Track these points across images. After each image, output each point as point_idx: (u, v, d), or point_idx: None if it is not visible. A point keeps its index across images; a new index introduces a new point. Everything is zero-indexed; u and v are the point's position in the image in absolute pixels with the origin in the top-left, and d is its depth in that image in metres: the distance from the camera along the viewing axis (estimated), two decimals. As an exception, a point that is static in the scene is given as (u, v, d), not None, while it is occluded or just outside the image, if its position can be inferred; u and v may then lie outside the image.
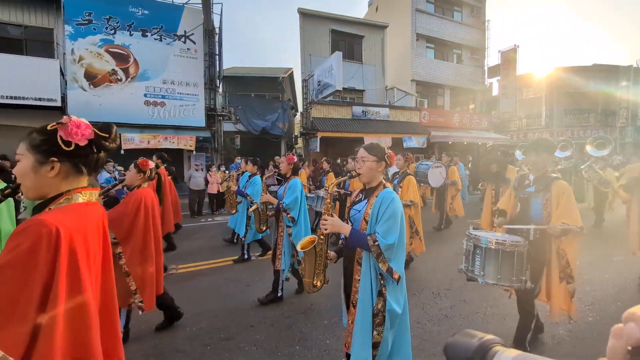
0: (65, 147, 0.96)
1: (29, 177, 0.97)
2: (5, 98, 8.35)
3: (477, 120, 18.32)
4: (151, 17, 9.79)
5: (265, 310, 3.11)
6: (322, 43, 14.18)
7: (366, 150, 1.79)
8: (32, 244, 0.84)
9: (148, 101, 9.87)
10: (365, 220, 1.72)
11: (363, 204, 1.80)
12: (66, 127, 0.96)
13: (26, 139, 0.97)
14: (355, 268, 1.74)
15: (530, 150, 2.43)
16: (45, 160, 0.95)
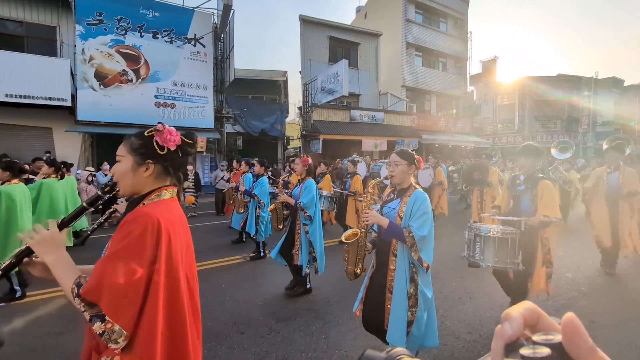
0: (159, 151, 1.09)
1: (128, 176, 1.08)
2: (15, 97, 8.21)
3: (461, 124, 19.67)
4: (162, 20, 9.91)
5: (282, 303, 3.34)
6: (321, 49, 14.75)
7: (398, 155, 2.01)
8: (141, 231, 0.95)
9: (158, 102, 9.98)
10: (399, 216, 1.92)
11: (396, 202, 2.00)
12: (162, 133, 1.09)
13: (126, 143, 1.10)
14: (390, 259, 1.95)
15: (520, 155, 2.80)
16: (143, 162, 1.08)
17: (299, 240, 3.44)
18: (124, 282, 0.91)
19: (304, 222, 3.44)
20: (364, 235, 1.95)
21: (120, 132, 9.35)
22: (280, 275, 3.90)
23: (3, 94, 8.09)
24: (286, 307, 3.24)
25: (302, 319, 2.99)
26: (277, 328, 2.81)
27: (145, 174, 1.08)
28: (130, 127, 9.58)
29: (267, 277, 4.09)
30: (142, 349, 0.95)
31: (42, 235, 1.02)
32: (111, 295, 0.90)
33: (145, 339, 0.95)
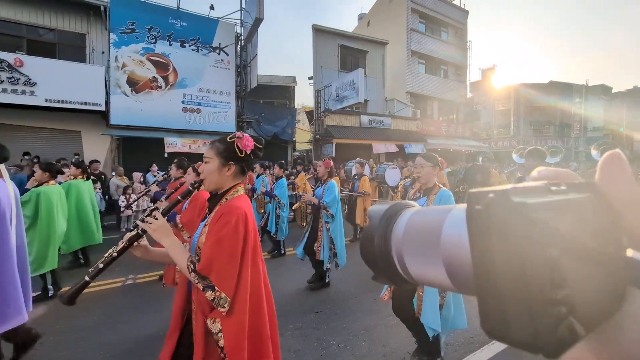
0: (239, 154, 1.27)
1: (214, 175, 1.26)
2: (54, 102, 8.61)
3: (461, 129, 20.54)
4: (189, 29, 10.41)
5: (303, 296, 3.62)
6: (332, 57, 15.40)
7: (424, 158, 2.23)
8: (236, 220, 1.16)
9: (185, 108, 10.46)
10: None
11: (423, 200, 2.23)
12: (242, 140, 1.26)
13: (213, 147, 1.28)
14: None
15: (526, 158, 3.03)
16: (226, 163, 1.26)
17: (321, 237, 3.67)
18: (226, 260, 1.15)
19: (326, 220, 3.67)
20: None
21: (149, 135, 9.81)
22: (299, 270, 4.23)
23: (43, 98, 8.48)
24: (308, 299, 3.53)
25: (327, 308, 3.25)
26: (305, 319, 3.03)
27: (227, 173, 1.28)
28: (159, 131, 10.05)
29: (290, 272, 4.40)
30: (238, 312, 1.18)
31: (158, 223, 1.23)
32: (218, 270, 1.14)
33: (239, 303, 1.18)
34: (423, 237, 0.26)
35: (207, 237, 1.20)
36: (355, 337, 2.77)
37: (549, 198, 0.19)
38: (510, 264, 0.18)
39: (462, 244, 0.21)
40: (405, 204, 0.32)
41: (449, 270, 0.23)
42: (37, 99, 8.41)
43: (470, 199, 0.20)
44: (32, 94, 8.35)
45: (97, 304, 3.39)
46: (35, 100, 8.40)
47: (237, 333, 1.17)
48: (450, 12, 20.87)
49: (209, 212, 1.33)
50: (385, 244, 0.29)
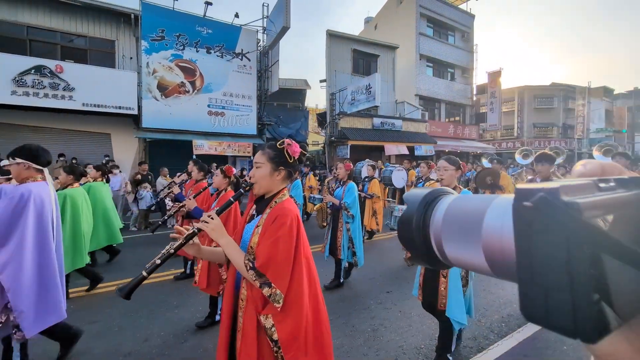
0: (289, 160, 1.33)
1: (266, 179, 1.32)
2: (91, 106, 9.07)
3: (468, 131, 21.03)
4: (214, 36, 10.88)
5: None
6: (345, 61, 15.87)
7: (447, 161, 2.33)
8: (290, 221, 1.25)
9: (211, 111, 10.92)
10: None
11: None
12: (292, 146, 1.34)
13: (264, 153, 1.34)
14: None
15: (537, 162, 3.21)
16: (277, 168, 1.33)
17: (340, 236, 3.80)
18: (282, 259, 1.22)
19: (347, 220, 3.79)
20: None
21: (178, 138, 10.27)
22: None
23: (81, 103, 8.93)
24: (326, 297, 3.84)
25: (342, 307, 3.38)
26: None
27: (278, 177, 1.35)
28: (186, 134, 10.51)
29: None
30: (291, 308, 1.24)
31: (215, 223, 1.28)
32: (275, 268, 1.21)
33: (293, 299, 1.25)
34: (464, 222, 0.27)
35: (264, 237, 1.27)
36: (373, 333, 2.88)
37: (597, 196, 0.20)
38: (555, 258, 0.19)
39: (504, 233, 0.23)
40: (444, 190, 0.33)
41: (489, 255, 0.24)
42: (75, 103, 8.87)
43: (519, 194, 0.21)
44: (70, 99, 8.81)
45: (120, 300, 3.56)
46: (73, 104, 8.86)
47: (292, 327, 1.24)
48: (457, 17, 21.34)
49: (257, 214, 1.40)
50: (423, 226, 0.30)
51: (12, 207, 1.94)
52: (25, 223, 1.99)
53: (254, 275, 1.20)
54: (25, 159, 2.08)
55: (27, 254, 2.00)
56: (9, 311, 1.99)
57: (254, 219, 1.40)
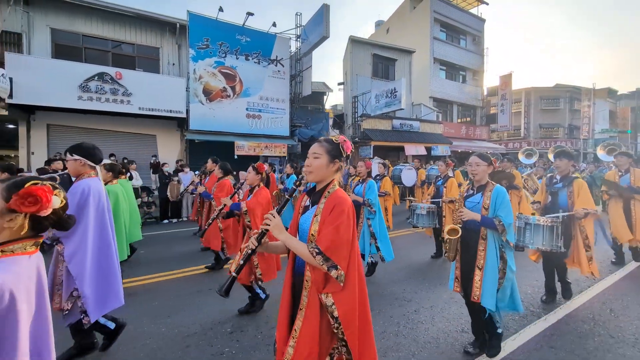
0: (343, 154, 1.50)
1: (323, 169, 1.46)
2: (146, 110, 9.82)
3: (479, 132, 21.81)
4: (252, 44, 11.63)
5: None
6: (366, 65, 16.63)
7: (479, 157, 2.40)
8: (347, 209, 1.40)
9: (249, 114, 11.68)
10: (484, 207, 2.32)
11: (478, 197, 2.39)
12: (346, 142, 1.52)
13: (322, 145, 1.49)
14: (480, 242, 2.34)
15: (556, 158, 3.27)
16: (332, 160, 1.48)
17: (360, 232, 3.94)
18: (343, 243, 1.36)
19: (368, 216, 3.90)
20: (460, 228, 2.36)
21: (221, 139, 11.02)
22: None
23: (137, 107, 9.68)
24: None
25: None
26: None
27: (332, 169, 1.48)
28: (228, 135, 11.27)
29: None
30: (349, 287, 1.39)
31: (275, 221, 1.42)
32: (339, 251, 1.34)
33: (350, 280, 1.39)
34: None
35: (325, 224, 1.38)
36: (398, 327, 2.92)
37: None
38: None
39: None
40: None
41: None
42: (132, 107, 9.62)
43: None
44: (128, 103, 9.56)
45: (156, 293, 3.71)
46: (130, 108, 9.61)
47: (350, 305, 1.37)
48: (469, 21, 22.09)
49: (312, 205, 1.52)
50: None
51: (76, 201, 2.10)
52: (88, 216, 2.14)
53: (321, 260, 1.32)
54: (81, 156, 2.24)
55: (90, 244, 2.15)
56: (75, 298, 2.11)
57: (308, 210, 1.53)
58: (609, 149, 5.92)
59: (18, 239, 1.03)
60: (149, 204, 8.24)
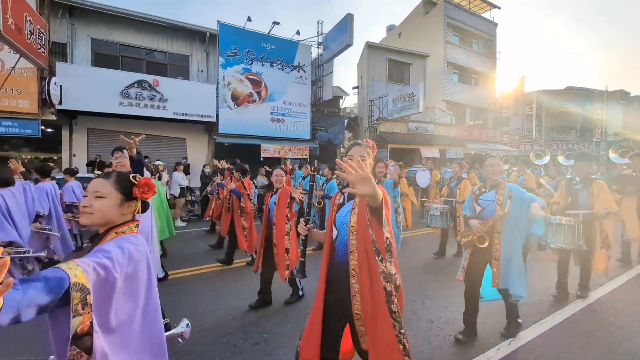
0: (374, 155, 1.79)
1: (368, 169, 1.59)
2: (180, 114, 10.40)
3: (491, 134, 22.04)
4: (276, 51, 12.16)
5: None
6: (381, 69, 17.07)
7: (499, 160, 2.63)
8: (387, 201, 1.56)
9: (273, 118, 12.20)
10: (498, 204, 2.52)
11: (492, 194, 2.59)
12: (375, 146, 1.81)
13: (367, 147, 1.72)
14: (495, 236, 2.56)
15: (576, 161, 3.40)
16: (369, 162, 1.72)
17: None
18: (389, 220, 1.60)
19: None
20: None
21: (247, 142, 11.55)
22: None
23: (172, 112, 10.26)
24: None
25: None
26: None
27: (370, 168, 1.69)
28: (254, 138, 11.80)
29: None
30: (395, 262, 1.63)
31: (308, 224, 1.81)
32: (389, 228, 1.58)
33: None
34: None
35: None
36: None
37: None
38: None
39: None
40: None
41: None
42: (167, 112, 10.20)
43: None
44: (164, 109, 10.14)
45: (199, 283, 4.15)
46: (166, 113, 10.19)
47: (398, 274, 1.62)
48: (481, 25, 22.39)
49: (348, 200, 1.73)
50: None
51: None
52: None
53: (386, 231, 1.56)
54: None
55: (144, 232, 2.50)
56: None
57: (343, 206, 1.72)
58: (622, 151, 5.95)
59: (126, 222, 1.22)
60: (192, 202, 8.77)
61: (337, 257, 1.70)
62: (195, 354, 2.57)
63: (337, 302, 1.67)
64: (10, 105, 8.31)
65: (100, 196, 1.15)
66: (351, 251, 1.60)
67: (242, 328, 2.98)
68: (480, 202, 2.62)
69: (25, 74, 8.34)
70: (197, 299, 3.66)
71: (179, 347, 2.51)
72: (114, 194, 1.17)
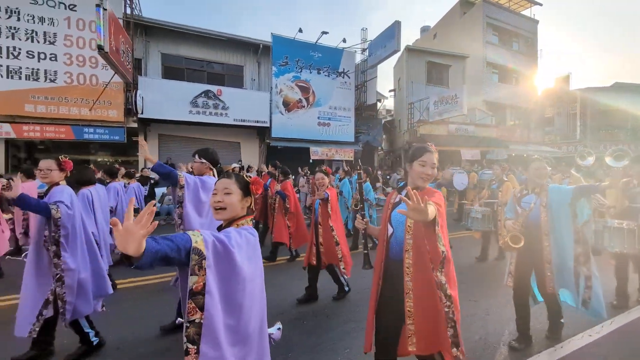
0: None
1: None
2: (239, 120, 11.34)
3: (533, 135, 21.42)
4: (323, 59, 12.85)
5: None
6: (421, 72, 17.28)
7: (545, 163, 2.59)
8: (439, 197, 1.62)
9: (319, 122, 12.88)
10: (543, 206, 2.48)
11: (533, 197, 2.56)
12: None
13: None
14: (543, 238, 2.49)
15: (633, 164, 3.27)
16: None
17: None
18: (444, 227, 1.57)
19: None
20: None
21: (297, 145, 12.30)
22: None
23: (232, 119, 11.23)
24: None
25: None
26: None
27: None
28: (303, 142, 12.53)
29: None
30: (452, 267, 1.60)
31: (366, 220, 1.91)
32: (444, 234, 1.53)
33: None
34: None
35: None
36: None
37: None
38: None
39: None
40: None
41: None
42: (229, 119, 11.18)
43: None
44: (226, 116, 11.13)
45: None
46: (227, 120, 11.17)
47: (455, 284, 1.57)
48: (521, 23, 21.87)
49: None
50: None
51: (189, 188, 2.65)
52: (199, 199, 2.69)
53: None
54: (206, 159, 2.75)
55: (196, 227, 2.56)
56: None
57: (399, 204, 1.73)
58: (617, 155, 5.80)
59: (244, 216, 1.35)
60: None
61: (392, 255, 1.72)
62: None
63: (392, 298, 1.70)
64: (102, 115, 9.59)
65: (228, 192, 1.30)
66: (406, 249, 1.62)
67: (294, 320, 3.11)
68: (523, 205, 2.60)
69: (114, 87, 9.58)
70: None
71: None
72: (237, 190, 1.32)
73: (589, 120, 27.28)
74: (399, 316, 1.64)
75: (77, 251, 2.36)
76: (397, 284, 1.64)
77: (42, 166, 2.39)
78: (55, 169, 2.41)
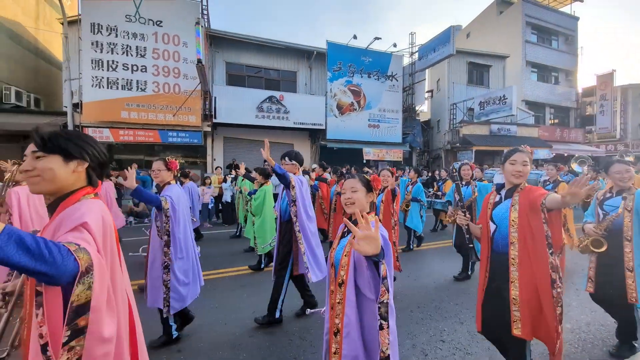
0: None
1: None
2: (296, 123, 12.13)
3: (574, 134, 21.11)
4: (373, 63, 13.43)
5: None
6: (461, 73, 17.52)
7: (627, 164, 2.44)
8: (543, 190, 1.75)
9: (370, 124, 13.49)
10: (627, 210, 2.35)
11: (618, 200, 2.43)
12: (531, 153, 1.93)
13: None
14: (625, 244, 2.36)
15: None
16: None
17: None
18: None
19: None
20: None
21: (350, 147, 12.95)
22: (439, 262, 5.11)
23: (292, 122, 12.01)
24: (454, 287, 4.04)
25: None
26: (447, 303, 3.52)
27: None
28: (355, 143, 13.17)
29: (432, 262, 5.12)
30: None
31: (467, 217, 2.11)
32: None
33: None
34: None
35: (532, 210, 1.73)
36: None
37: None
38: None
39: None
40: None
41: None
42: (289, 122, 11.98)
43: None
44: (287, 119, 11.93)
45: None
46: (288, 123, 11.97)
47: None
48: (561, 21, 21.58)
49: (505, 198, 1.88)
50: None
51: (298, 187, 2.93)
52: (303, 197, 2.99)
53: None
54: (296, 161, 3.08)
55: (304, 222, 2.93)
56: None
57: (500, 203, 1.88)
58: (580, 161, 5.64)
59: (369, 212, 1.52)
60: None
61: (496, 248, 1.86)
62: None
63: (497, 288, 1.85)
64: (184, 120, 10.60)
65: (354, 190, 1.48)
66: (512, 242, 1.76)
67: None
68: (605, 208, 2.50)
69: (193, 95, 10.56)
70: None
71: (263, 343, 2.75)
72: (361, 188, 1.49)
73: (630, 118, 26.45)
74: (504, 303, 1.79)
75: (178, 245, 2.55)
76: (503, 274, 1.80)
77: (154, 167, 2.65)
78: (163, 169, 2.63)
